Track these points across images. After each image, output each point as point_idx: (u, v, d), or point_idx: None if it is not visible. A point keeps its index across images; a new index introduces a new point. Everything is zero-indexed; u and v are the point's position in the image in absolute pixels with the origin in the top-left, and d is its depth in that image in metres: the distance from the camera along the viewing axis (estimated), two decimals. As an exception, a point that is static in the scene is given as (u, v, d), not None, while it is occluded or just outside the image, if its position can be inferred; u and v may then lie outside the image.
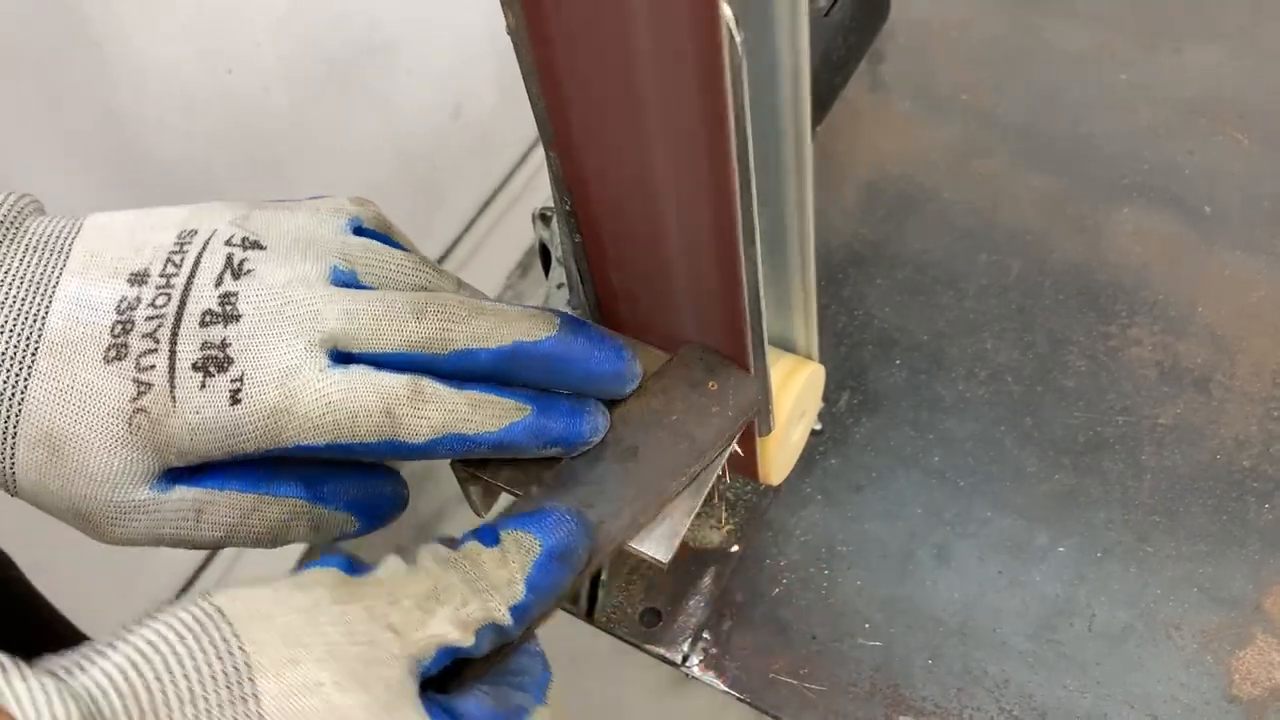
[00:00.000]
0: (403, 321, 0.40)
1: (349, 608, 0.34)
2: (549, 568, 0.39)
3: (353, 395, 0.39)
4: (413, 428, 0.40)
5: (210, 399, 0.38)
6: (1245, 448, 0.61)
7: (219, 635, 0.32)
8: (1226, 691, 0.54)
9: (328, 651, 0.33)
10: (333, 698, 0.32)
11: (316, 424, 0.39)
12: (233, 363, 0.39)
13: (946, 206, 0.73)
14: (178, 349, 0.39)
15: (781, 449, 0.53)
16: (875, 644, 0.57)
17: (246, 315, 0.39)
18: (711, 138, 0.36)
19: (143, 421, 0.38)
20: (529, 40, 0.37)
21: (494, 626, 0.37)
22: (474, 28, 1.38)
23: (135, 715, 0.30)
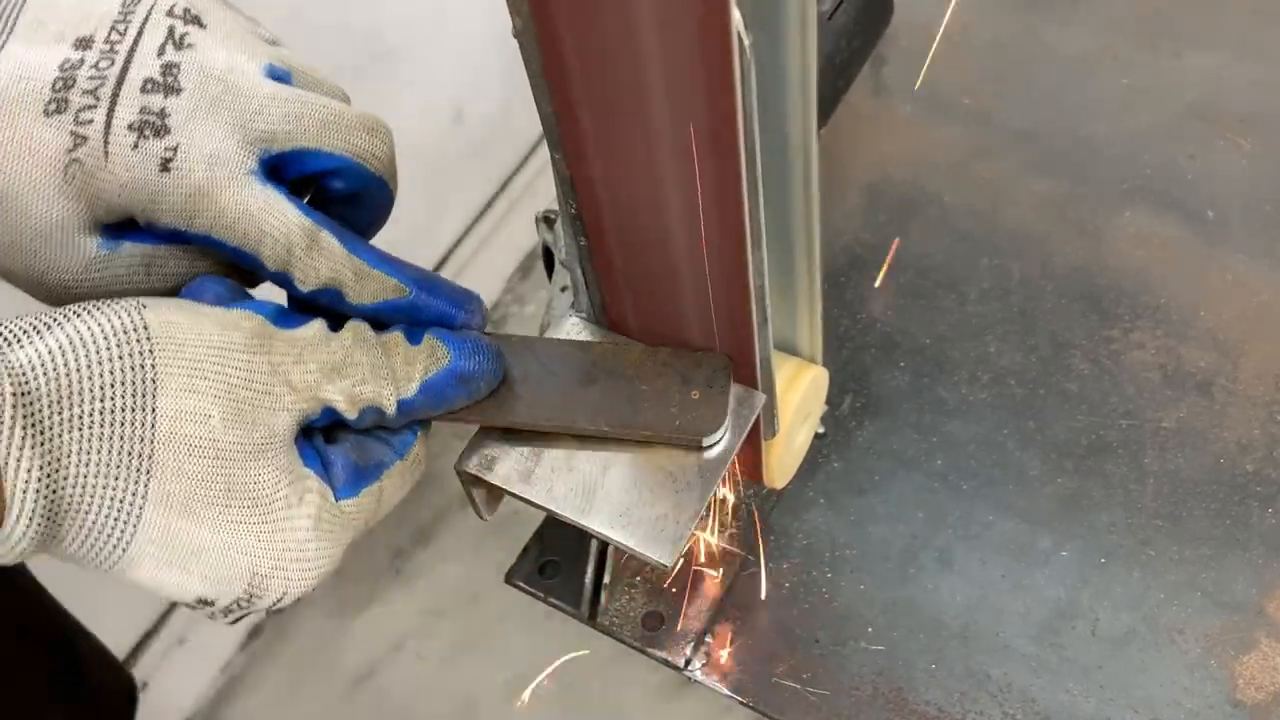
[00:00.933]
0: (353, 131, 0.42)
1: (255, 358, 0.39)
2: (448, 382, 0.42)
3: (267, 215, 0.40)
4: (303, 272, 0.41)
5: (141, 160, 0.40)
6: (1248, 451, 0.61)
7: (138, 348, 0.36)
8: (1230, 696, 0.54)
9: (225, 389, 0.38)
10: (217, 430, 0.37)
11: (230, 224, 0.40)
12: (169, 132, 0.40)
13: (948, 210, 0.73)
14: (117, 108, 0.40)
15: (785, 452, 0.53)
16: (878, 648, 0.57)
17: (188, 90, 0.40)
18: (719, 141, 0.36)
19: (76, 172, 0.40)
20: (536, 43, 0.37)
21: (377, 409, 0.41)
22: (474, 32, 1.38)
23: (53, 398, 0.35)
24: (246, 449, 0.38)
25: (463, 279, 1.57)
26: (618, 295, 0.48)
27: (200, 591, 0.38)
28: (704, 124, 0.36)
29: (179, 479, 0.36)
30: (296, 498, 0.39)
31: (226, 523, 0.38)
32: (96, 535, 0.36)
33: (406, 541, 1.41)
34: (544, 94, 0.39)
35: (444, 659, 1.34)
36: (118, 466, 0.35)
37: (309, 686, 1.35)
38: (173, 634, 1.31)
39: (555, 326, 0.50)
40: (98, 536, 0.36)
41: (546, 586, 0.60)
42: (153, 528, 0.36)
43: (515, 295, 1.67)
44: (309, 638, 1.38)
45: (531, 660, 1.33)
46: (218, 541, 0.38)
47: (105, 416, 0.35)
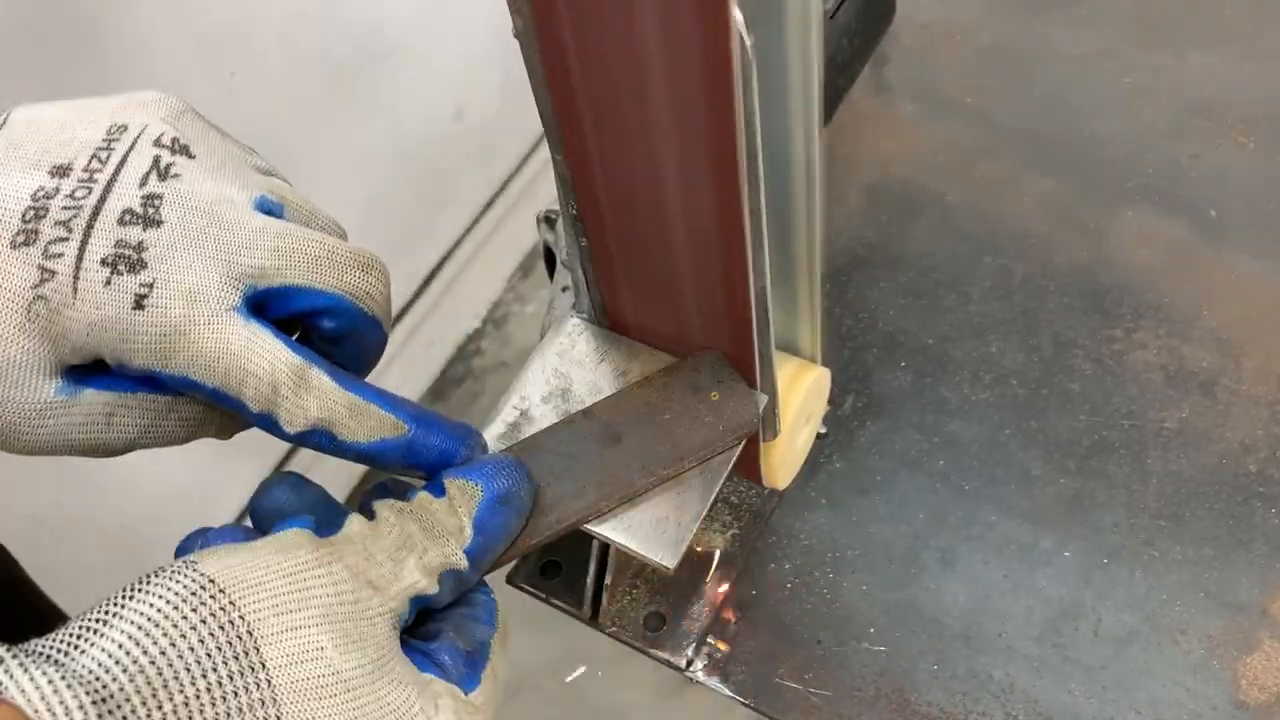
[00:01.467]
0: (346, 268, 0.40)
1: (333, 568, 0.35)
2: (494, 510, 0.40)
3: (250, 353, 0.38)
4: (290, 413, 0.39)
5: (113, 297, 0.37)
6: (1251, 451, 0.61)
7: (216, 605, 0.32)
8: (1233, 697, 0.54)
9: (322, 615, 0.34)
10: (335, 661, 0.33)
11: (209, 364, 0.38)
12: (145, 267, 0.38)
13: (950, 209, 0.73)
14: (90, 241, 0.37)
15: (787, 453, 0.53)
16: (880, 648, 0.57)
17: (169, 223, 0.38)
18: (720, 141, 0.36)
19: (41, 309, 0.37)
20: (537, 42, 0.37)
21: (454, 572, 0.39)
22: (475, 32, 1.38)
23: (145, 693, 0.30)
24: (367, 670, 0.34)
25: (464, 278, 1.57)
26: (619, 296, 0.48)
27: None
28: (705, 124, 0.36)
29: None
30: (432, 708, 0.36)
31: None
32: None
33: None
34: (545, 94, 0.39)
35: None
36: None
37: (310, 686, 1.35)
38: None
39: (556, 327, 0.50)
40: None
41: (548, 588, 0.60)
42: None
43: (516, 294, 1.67)
44: (310, 637, 1.38)
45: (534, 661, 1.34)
46: None
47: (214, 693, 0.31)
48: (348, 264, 0.40)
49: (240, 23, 1.08)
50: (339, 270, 0.40)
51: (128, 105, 0.41)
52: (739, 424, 0.45)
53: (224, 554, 0.34)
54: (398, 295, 1.44)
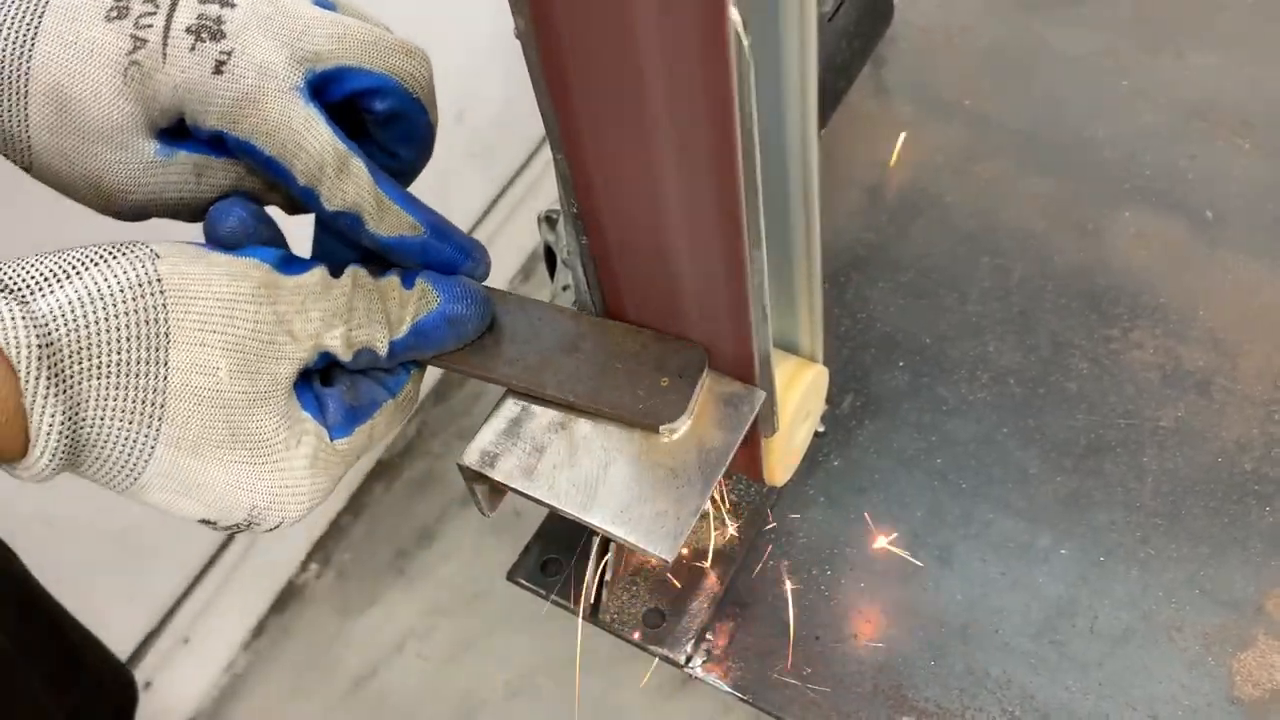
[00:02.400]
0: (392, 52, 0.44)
1: (262, 309, 0.41)
2: (437, 324, 0.45)
3: (308, 132, 0.42)
4: (330, 191, 0.43)
5: (197, 61, 0.42)
6: (1247, 450, 0.61)
7: (153, 303, 0.38)
8: (1228, 693, 0.54)
9: (233, 342, 0.40)
10: (224, 382, 0.40)
11: (270, 132, 0.42)
12: (224, 37, 0.42)
13: (949, 210, 0.73)
14: (176, 12, 0.42)
15: (785, 450, 0.53)
16: (878, 645, 0.57)
17: (241, 5, 0.42)
18: (719, 140, 0.36)
19: (135, 73, 0.42)
20: (538, 44, 0.37)
21: (371, 352, 0.44)
22: (477, 34, 1.39)
23: (75, 348, 0.37)
24: (250, 397, 0.40)
25: (465, 280, 1.57)
26: (619, 293, 0.48)
27: (204, 515, 0.42)
28: (704, 124, 0.36)
29: (187, 425, 0.39)
30: (295, 440, 0.42)
31: (229, 463, 0.41)
32: (111, 467, 0.39)
33: (409, 542, 1.41)
34: (545, 95, 0.40)
35: (446, 658, 1.35)
36: (132, 413, 0.38)
37: (311, 686, 1.35)
38: (176, 633, 1.31)
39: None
40: (112, 468, 0.39)
41: (548, 585, 0.60)
42: (162, 463, 0.39)
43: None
44: (312, 637, 1.38)
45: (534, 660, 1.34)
46: (221, 478, 0.41)
47: (122, 368, 0.38)
48: (394, 49, 0.44)
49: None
50: (386, 53, 0.44)
51: None
52: (654, 417, 0.46)
53: (187, 259, 0.40)
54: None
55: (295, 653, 1.38)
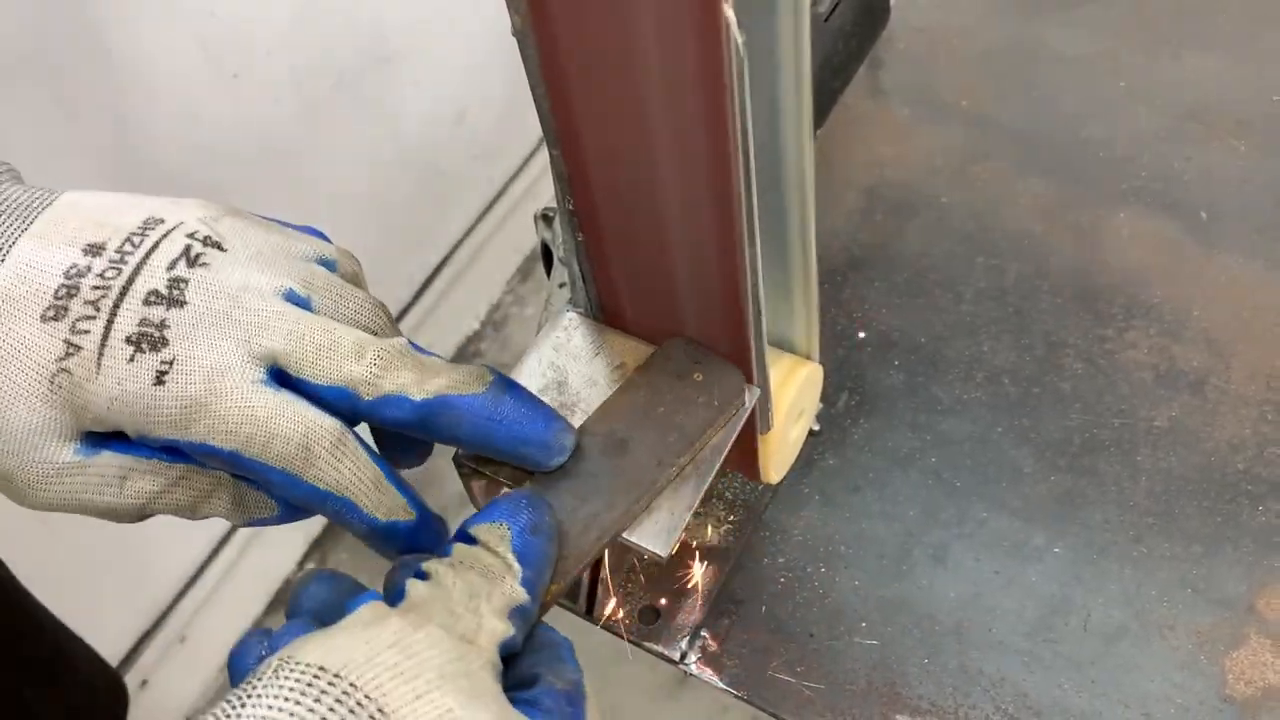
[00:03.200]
0: (344, 358, 0.41)
1: (430, 630, 0.35)
2: (528, 540, 0.40)
3: (279, 417, 0.40)
4: (321, 473, 0.40)
5: (135, 373, 0.39)
6: (1240, 450, 0.61)
7: (339, 690, 0.32)
8: (1220, 691, 0.54)
9: (439, 677, 0.33)
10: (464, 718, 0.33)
11: (230, 429, 0.39)
12: (167, 345, 0.39)
13: (945, 211, 0.73)
14: (116, 320, 0.39)
15: (780, 448, 0.54)
16: (872, 643, 0.57)
17: (192, 304, 0.40)
18: (713, 137, 0.37)
19: (64, 381, 0.39)
20: (534, 41, 0.38)
21: (519, 608, 0.38)
22: (478, 35, 1.39)
23: None
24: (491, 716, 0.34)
25: (463, 280, 1.58)
26: (614, 291, 0.48)
27: None
28: (698, 121, 0.37)
29: None
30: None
31: None
32: None
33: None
34: (542, 91, 0.40)
35: (443, 658, 1.35)
36: None
37: (309, 685, 1.35)
38: (172, 632, 1.31)
39: (553, 321, 0.51)
40: None
41: (544, 581, 0.60)
42: None
43: (516, 297, 1.67)
44: (309, 636, 1.38)
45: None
46: None
47: None
48: (348, 355, 0.41)
49: (243, 25, 1.08)
50: (340, 362, 0.41)
51: (170, 203, 0.43)
52: (731, 394, 0.45)
53: (316, 641, 0.34)
54: (397, 297, 1.45)
55: (293, 652, 1.38)
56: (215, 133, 1.09)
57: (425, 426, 0.41)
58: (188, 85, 1.04)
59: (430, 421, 0.41)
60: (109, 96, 0.97)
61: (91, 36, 0.94)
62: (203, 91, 1.06)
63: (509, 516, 0.40)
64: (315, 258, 0.44)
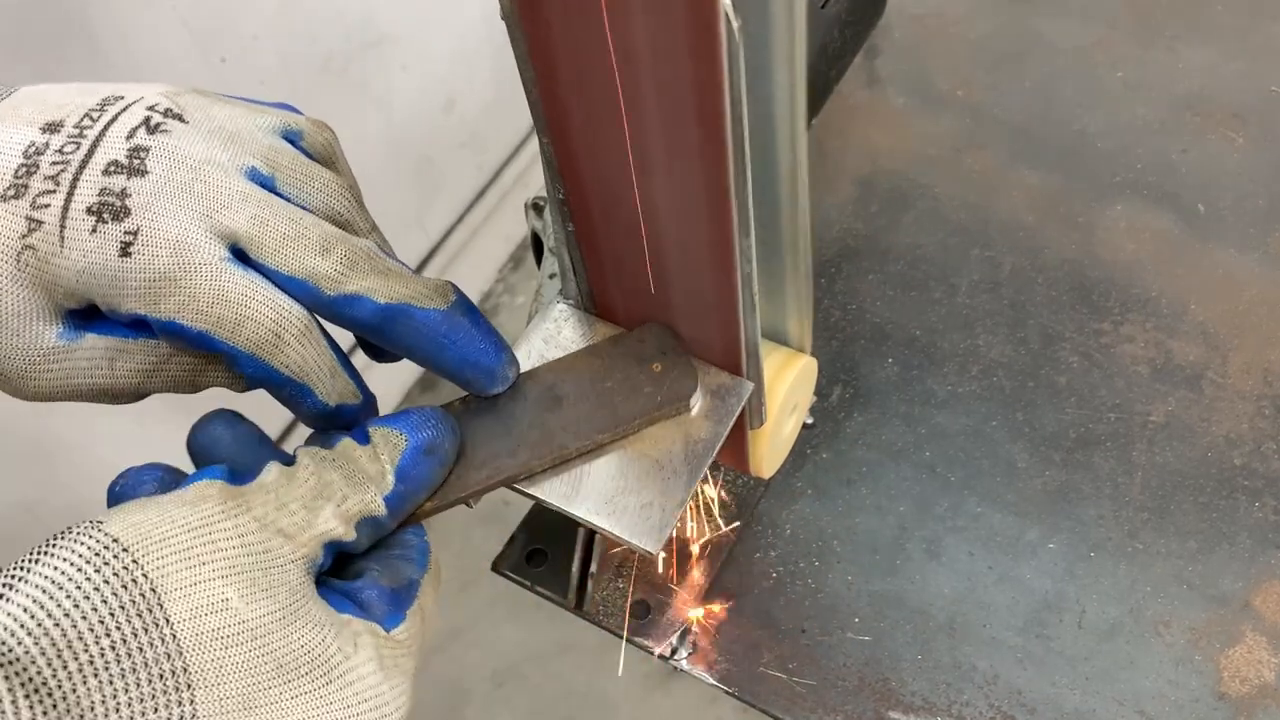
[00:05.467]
0: (307, 250, 0.40)
1: (240, 519, 0.35)
2: (417, 459, 0.40)
3: (251, 301, 0.39)
4: (287, 359, 0.40)
5: (99, 245, 0.38)
6: (1236, 445, 0.61)
7: (119, 565, 0.32)
8: (1215, 689, 0.54)
9: (228, 566, 0.34)
10: (241, 611, 0.34)
11: (201, 309, 0.39)
12: (129, 214, 0.38)
13: (940, 201, 0.73)
14: (75, 191, 0.38)
15: (773, 442, 0.53)
16: (864, 638, 0.57)
17: (154, 173, 0.39)
18: (707, 126, 0.36)
19: (30, 259, 0.38)
20: (523, 25, 0.37)
21: (372, 519, 0.39)
22: (469, 22, 1.38)
23: (50, 654, 0.31)
24: (277, 616, 0.34)
25: (454, 268, 1.57)
26: (605, 281, 0.47)
27: None
28: (692, 109, 0.36)
29: (223, 679, 0.33)
30: (350, 646, 0.36)
31: (291, 699, 0.34)
32: None
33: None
34: (531, 78, 0.39)
35: (432, 647, 1.34)
36: (153, 696, 0.32)
37: (297, 675, 1.35)
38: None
39: (543, 312, 0.50)
40: None
41: (534, 575, 0.60)
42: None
43: (506, 285, 1.66)
44: (297, 626, 1.38)
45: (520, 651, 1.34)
46: None
47: (118, 650, 0.31)
48: (312, 247, 0.40)
49: (229, 9, 1.07)
50: (302, 254, 0.40)
51: (132, 84, 0.42)
52: (677, 396, 0.45)
53: (131, 511, 0.34)
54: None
55: (280, 642, 1.37)
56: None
57: (379, 331, 0.41)
58: (174, 69, 1.03)
59: (386, 327, 0.41)
60: (94, 80, 0.96)
61: (76, 20, 0.93)
62: (189, 75, 1.05)
63: (411, 429, 0.41)
64: (281, 130, 0.43)
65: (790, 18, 0.36)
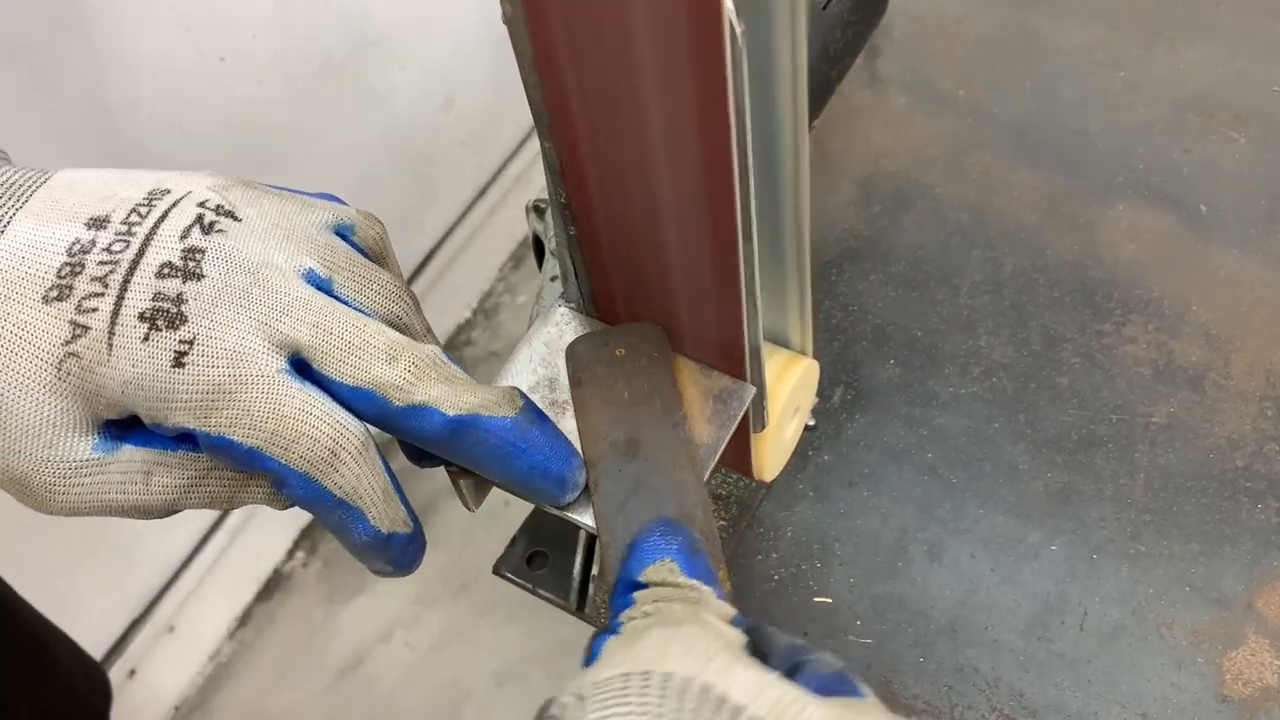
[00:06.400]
0: (374, 360, 0.38)
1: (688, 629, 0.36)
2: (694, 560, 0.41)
3: (308, 417, 0.37)
4: (342, 480, 0.38)
5: (151, 354, 0.36)
6: (1239, 447, 0.61)
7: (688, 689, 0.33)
8: (1217, 691, 0.54)
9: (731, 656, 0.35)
10: None
11: (254, 424, 0.36)
12: (185, 322, 0.36)
13: (941, 202, 0.72)
14: (127, 295, 0.36)
15: (775, 445, 0.53)
16: (866, 641, 0.57)
17: (211, 278, 0.37)
18: (710, 130, 0.36)
19: (73, 367, 0.36)
20: (526, 29, 0.37)
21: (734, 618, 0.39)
22: (468, 20, 1.38)
23: None
24: None
25: (455, 268, 1.57)
26: (607, 284, 0.47)
27: None
28: (695, 112, 0.36)
29: None
30: None
31: None
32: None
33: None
34: (534, 81, 0.39)
35: (432, 648, 1.34)
36: None
37: (297, 675, 1.35)
38: (161, 621, 1.30)
39: (544, 316, 0.50)
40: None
41: (534, 577, 0.59)
42: None
43: (508, 285, 1.66)
44: (298, 626, 1.38)
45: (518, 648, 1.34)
46: None
47: None
48: (379, 356, 0.38)
49: (227, 7, 1.07)
50: (368, 364, 0.38)
51: (175, 174, 0.40)
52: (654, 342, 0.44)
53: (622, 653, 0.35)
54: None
55: (281, 641, 1.37)
56: (199, 116, 1.07)
57: (448, 443, 0.39)
58: (171, 67, 1.03)
59: (456, 439, 0.39)
60: (90, 79, 0.96)
61: (72, 18, 0.93)
62: (187, 74, 1.05)
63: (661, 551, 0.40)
64: (333, 225, 0.41)
65: (792, 21, 0.36)
